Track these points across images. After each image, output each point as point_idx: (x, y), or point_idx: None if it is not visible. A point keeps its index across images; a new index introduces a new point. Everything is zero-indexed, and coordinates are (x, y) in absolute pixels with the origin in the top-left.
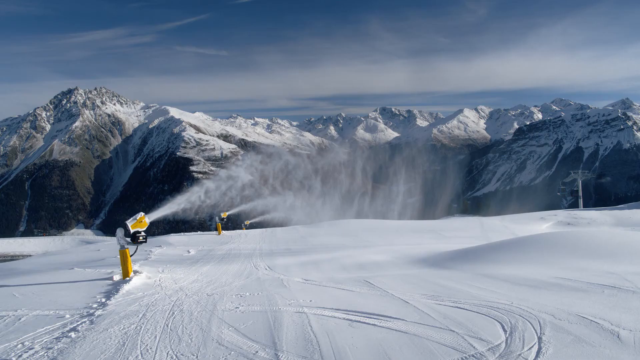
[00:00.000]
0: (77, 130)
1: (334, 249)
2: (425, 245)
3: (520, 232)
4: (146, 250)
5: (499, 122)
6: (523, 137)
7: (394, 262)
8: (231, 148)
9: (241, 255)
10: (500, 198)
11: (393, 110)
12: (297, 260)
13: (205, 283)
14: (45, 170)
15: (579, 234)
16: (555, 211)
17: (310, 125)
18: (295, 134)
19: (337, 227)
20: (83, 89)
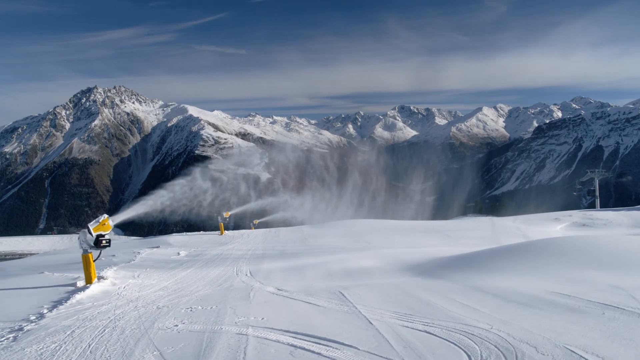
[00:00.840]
0: (96, 129)
1: (329, 252)
2: (428, 248)
3: (532, 234)
4: (135, 251)
5: (518, 121)
6: (542, 135)
7: (384, 268)
8: (249, 146)
9: (230, 259)
10: (519, 197)
11: (412, 109)
12: (285, 264)
13: (170, 292)
14: (65, 168)
15: (587, 240)
16: (570, 212)
17: (329, 124)
18: (313, 132)
19: (342, 228)
20: (102, 88)
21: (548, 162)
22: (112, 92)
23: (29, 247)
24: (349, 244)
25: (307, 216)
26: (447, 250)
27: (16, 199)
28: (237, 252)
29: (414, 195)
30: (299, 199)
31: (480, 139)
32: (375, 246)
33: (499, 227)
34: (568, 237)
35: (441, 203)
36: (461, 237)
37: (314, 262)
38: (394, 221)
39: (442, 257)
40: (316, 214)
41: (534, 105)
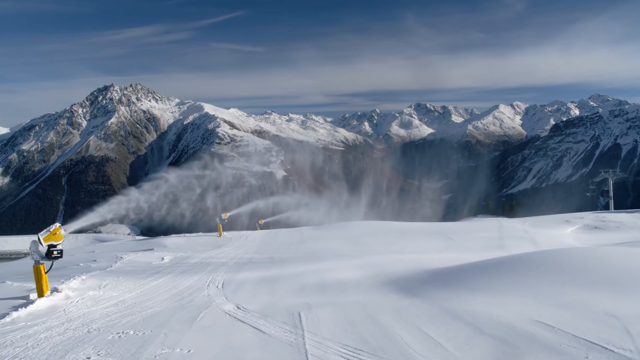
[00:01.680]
0: (113, 127)
1: (318, 259)
2: (423, 255)
3: (540, 238)
4: (119, 256)
5: (535, 118)
6: (559, 133)
7: (363, 282)
8: (265, 144)
9: (212, 265)
10: (536, 196)
11: (428, 106)
12: (264, 274)
13: (122, 308)
14: (82, 165)
15: (587, 254)
16: (581, 213)
17: (345, 121)
18: (329, 130)
19: (343, 230)
20: (119, 86)
21: (565, 160)
22: (128, 90)
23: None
24: (345, 248)
25: (316, 216)
26: (442, 259)
27: (33, 196)
28: (223, 258)
29: (429, 194)
30: (308, 198)
31: (497, 137)
32: (372, 251)
33: (506, 230)
34: (565, 251)
35: (457, 201)
36: (465, 241)
37: (294, 271)
38: (398, 223)
39: (429, 269)
40: (326, 213)
41: (551, 102)
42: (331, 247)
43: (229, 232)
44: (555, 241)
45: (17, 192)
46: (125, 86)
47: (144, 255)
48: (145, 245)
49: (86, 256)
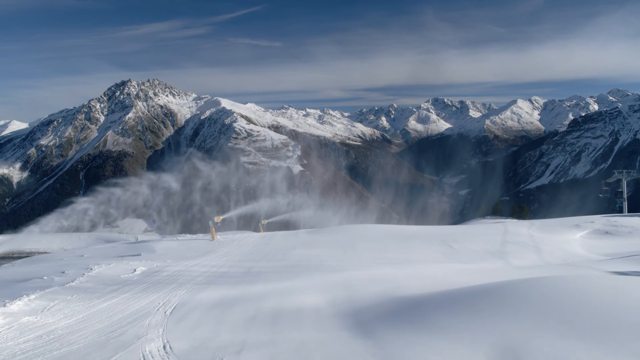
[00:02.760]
0: (130, 122)
1: (295, 274)
2: (417, 266)
3: (545, 245)
4: (89, 267)
5: (553, 113)
6: (578, 128)
7: (322, 310)
8: (282, 139)
9: (179, 280)
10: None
11: (445, 101)
12: (224, 295)
13: (43, 342)
14: (99, 160)
15: (577, 285)
16: (592, 217)
17: (362, 116)
18: (346, 124)
19: (338, 235)
20: (136, 81)
21: (583, 155)
22: (145, 85)
23: (36, 245)
24: (333, 258)
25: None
26: (431, 275)
27: (51, 191)
28: (200, 269)
29: (446, 189)
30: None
31: (515, 132)
32: (360, 261)
33: (511, 236)
34: (552, 280)
35: (474, 197)
36: (464, 248)
37: (259, 291)
38: (399, 227)
39: (401, 296)
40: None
41: (569, 97)
42: (319, 257)
43: (228, 234)
44: (561, 249)
45: (36, 187)
46: (143, 81)
47: (117, 266)
48: (134, 250)
49: (60, 265)
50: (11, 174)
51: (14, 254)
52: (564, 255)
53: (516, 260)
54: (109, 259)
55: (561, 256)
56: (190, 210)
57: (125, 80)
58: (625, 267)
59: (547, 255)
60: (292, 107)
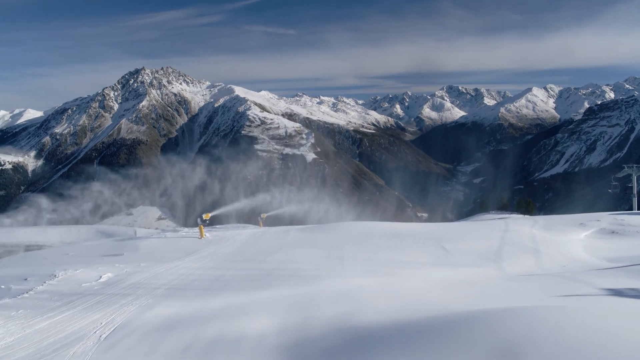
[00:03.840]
0: (144, 110)
1: (260, 286)
2: (402, 273)
3: (546, 247)
4: (54, 273)
5: (568, 102)
6: (593, 117)
7: (264, 340)
8: (295, 127)
9: (138, 291)
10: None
11: (460, 89)
12: (173, 313)
13: None
14: (113, 148)
15: (532, 322)
16: (599, 214)
17: (376, 104)
18: (360, 112)
19: (329, 234)
20: (150, 69)
21: (599, 144)
22: (159, 74)
23: (36, 238)
24: (314, 262)
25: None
26: (411, 287)
27: (66, 179)
28: (166, 277)
29: (461, 177)
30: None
31: (530, 120)
32: (343, 266)
33: (511, 236)
34: (500, 318)
35: (489, 185)
36: (458, 251)
37: (209, 310)
38: (394, 226)
39: (352, 325)
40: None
41: (585, 85)
42: (299, 261)
43: (226, 228)
44: (561, 253)
45: (51, 175)
46: (157, 69)
47: (83, 272)
48: (119, 249)
49: (30, 269)
50: (26, 162)
51: (14, 247)
52: (563, 260)
53: (511, 266)
54: (92, 257)
55: (560, 261)
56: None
57: (139, 69)
58: (624, 281)
59: (546, 260)
60: (306, 94)
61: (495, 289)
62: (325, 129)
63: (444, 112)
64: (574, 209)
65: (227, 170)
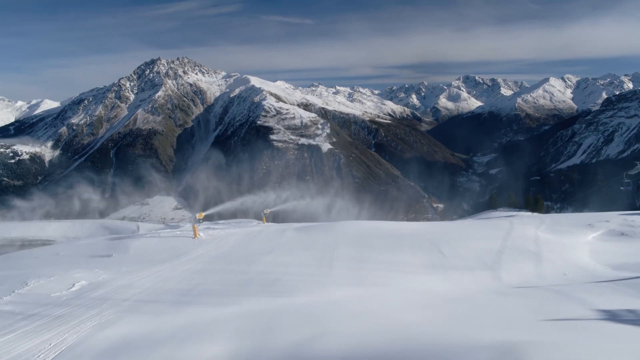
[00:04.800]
0: (160, 100)
1: (242, 296)
2: (389, 283)
3: (549, 252)
4: (26, 281)
5: (586, 92)
6: (611, 107)
7: None
8: (311, 117)
9: (105, 304)
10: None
11: (476, 79)
12: (129, 333)
13: None
14: (130, 138)
15: None
16: (608, 214)
17: (392, 94)
18: (376, 102)
19: (325, 234)
20: (165, 59)
21: (617, 135)
22: (175, 64)
23: (39, 233)
24: (302, 269)
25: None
26: (382, 308)
27: (83, 169)
28: (141, 286)
29: (477, 168)
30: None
31: (547, 110)
32: (329, 274)
33: (514, 237)
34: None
35: (505, 176)
36: (456, 255)
37: (168, 330)
38: (392, 227)
39: (306, 356)
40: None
41: (603, 76)
42: (286, 267)
43: (228, 224)
44: (564, 259)
45: (67, 165)
46: (172, 59)
47: (57, 280)
48: (109, 249)
49: (6, 276)
50: (43, 152)
51: (17, 242)
52: (566, 266)
53: (508, 274)
54: (80, 258)
55: (562, 268)
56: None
57: (155, 59)
58: (623, 299)
59: (547, 267)
60: (322, 84)
61: (480, 309)
62: (340, 119)
63: (460, 103)
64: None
65: (242, 161)
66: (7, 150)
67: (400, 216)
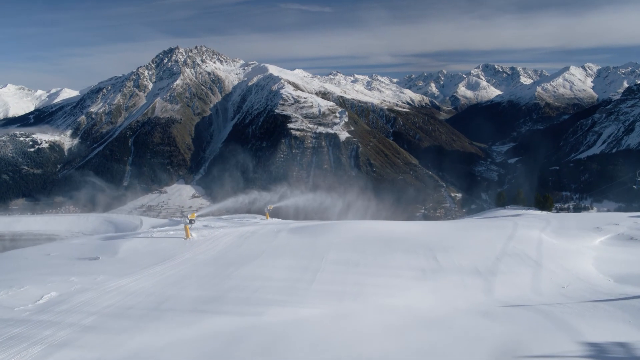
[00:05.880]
0: (178, 88)
1: (199, 317)
2: (372, 300)
3: (551, 258)
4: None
5: (607, 81)
6: (633, 97)
7: None
8: (329, 105)
9: (61, 324)
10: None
11: (496, 67)
12: None
13: None
14: (148, 127)
15: None
16: (618, 216)
17: (411, 82)
18: (395, 91)
19: (317, 238)
20: (184, 48)
21: (637, 125)
22: (193, 52)
23: (44, 227)
24: (287, 277)
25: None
26: (357, 326)
27: (101, 157)
28: (113, 297)
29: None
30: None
31: (567, 99)
32: (308, 289)
33: (516, 242)
34: None
35: (524, 165)
36: (450, 263)
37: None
38: (394, 228)
39: None
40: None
41: (624, 64)
42: (267, 277)
43: (225, 220)
44: (566, 268)
45: (86, 153)
46: (190, 48)
47: (27, 290)
48: (98, 251)
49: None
50: (62, 141)
51: (22, 236)
52: (566, 278)
53: (501, 288)
54: (67, 260)
55: (562, 280)
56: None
57: (173, 48)
58: (616, 327)
59: (545, 279)
60: (340, 73)
61: (454, 339)
62: (359, 107)
63: (479, 91)
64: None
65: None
66: (26, 139)
67: (418, 205)
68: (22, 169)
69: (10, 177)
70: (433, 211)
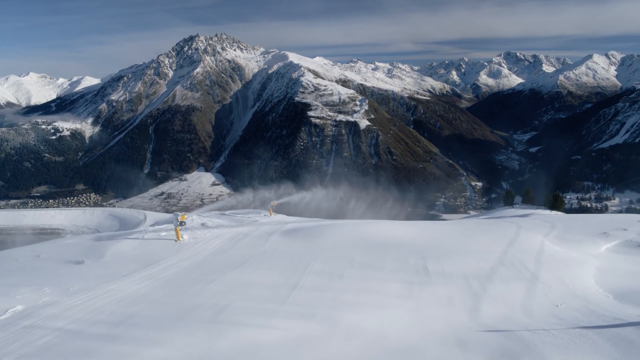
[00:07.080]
0: (198, 76)
1: (159, 340)
2: (344, 321)
3: (549, 270)
4: None
5: (631, 69)
6: None
7: None
8: (349, 93)
9: (10, 347)
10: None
11: (518, 55)
12: None
13: None
14: (168, 115)
15: None
16: (628, 219)
17: (432, 70)
18: (415, 78)
19: (307, 243)
20: (204, 36)
21: None
22: (213, 40)
23: (50, 221)
24: (269, 286)
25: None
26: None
27: (122, 145)
28: (76, 314)
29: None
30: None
31: (590, 88)
32: (290, 297)
33: (516, 248)
34: None
35: (545, 154)
36: (441, 273)
37: None
38: (387, 232)
39: None
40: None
41: None
42: (247, 285)
43: (228, 216)
44: (564, 282)
45: (107, 141)
46: (211, 36)
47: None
48: (87, 253)
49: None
50: (83, 128)
51: (27, 230)
52: (561, 294)
53: (490, 306)
54: (52, 263)
55: (557, 296)
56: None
57: (193, 35)
58: None
59: (539, 295)
60: (360, 60)
61: None
62: (379, 95)
63: (500, 79)
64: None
65: (280, 137)
66: (48, 127)
67: (438, 194)
68: (44, 157)
69: (32, 164)
70: (453, 200)
